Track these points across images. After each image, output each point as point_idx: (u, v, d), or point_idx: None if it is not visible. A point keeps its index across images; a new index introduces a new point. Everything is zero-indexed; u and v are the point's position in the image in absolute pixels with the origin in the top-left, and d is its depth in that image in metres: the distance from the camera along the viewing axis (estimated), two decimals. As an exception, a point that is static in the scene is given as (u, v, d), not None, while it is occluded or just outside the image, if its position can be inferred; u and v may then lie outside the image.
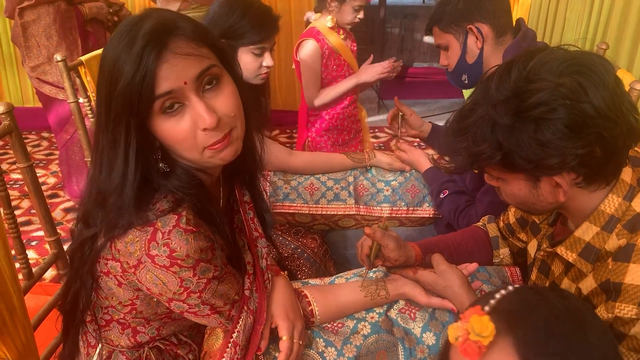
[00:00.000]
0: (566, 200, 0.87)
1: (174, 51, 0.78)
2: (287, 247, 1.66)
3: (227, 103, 0.84)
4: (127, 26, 0.79)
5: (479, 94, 0.86)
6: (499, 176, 0.91)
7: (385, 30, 4.69)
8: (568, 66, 0.79)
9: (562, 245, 0.91)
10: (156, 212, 0.82)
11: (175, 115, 0.81)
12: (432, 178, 1.62)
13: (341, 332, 1.09)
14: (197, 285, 0.85)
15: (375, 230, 1.11)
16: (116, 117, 0.78)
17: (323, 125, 2.39)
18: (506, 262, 1.26)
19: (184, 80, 0.79)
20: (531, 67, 0.81)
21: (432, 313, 1.11)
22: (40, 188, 1.24)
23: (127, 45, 0.77)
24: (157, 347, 1.02)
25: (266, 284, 1.01)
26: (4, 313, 1.06)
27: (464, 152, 0.87)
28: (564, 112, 0.77)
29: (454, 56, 1.49)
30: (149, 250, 0.81)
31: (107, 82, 0.79)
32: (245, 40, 1.56)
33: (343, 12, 2.22)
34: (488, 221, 1.30)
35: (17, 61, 3.64)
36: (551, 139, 0.78)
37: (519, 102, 0.79)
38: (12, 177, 3.08)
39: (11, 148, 1.18)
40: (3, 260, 1.06)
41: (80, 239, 0.89)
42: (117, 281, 0.90)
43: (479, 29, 1.42)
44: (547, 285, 0.97)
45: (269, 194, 1.64)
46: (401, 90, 4.69)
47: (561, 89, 0.77)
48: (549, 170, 0.81)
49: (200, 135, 0.82)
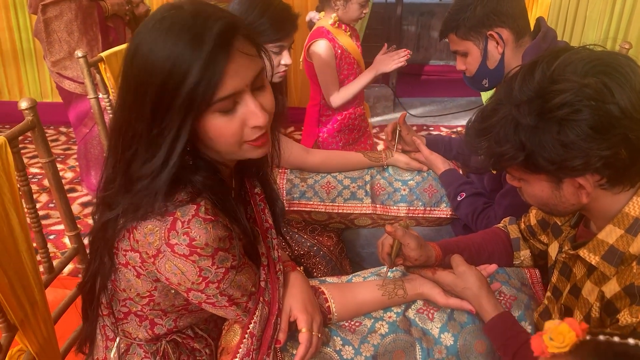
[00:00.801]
0: (589, 202, 0.86)
1: (240, 50, 0.80)
2: (303, 244, 1.66)
3: (270, 101, 0.87)
4: (181, 21, 0.78)
5: (502, 94, 0.86)
6: (521, 177, 0.90)
7: (402, 28, 4.67)
8: (593, 66, 0.78)
9: (585, 247, 0.90)
10: (175, 202, 0.83)
11: (228, 114, 0.83)
12: (449, 180, 1.61)
13: (359, 330, 1.09)
14: (215, 275, 0.86)
15: (397, 229, 1.10)
16: (171, 111, 0.78)
17: (335, 125, 2.38)
18: (526, 263, 1.25)
19: (246, 82, 0.81)
20: (555, 67, 0.80)
21: (451, 314, 1.11)
22: (61, 183, 1.26)
23: (192, 44, 0.76)
24: (174, 340, 1.03)
25: (278, 275, 1.02)
26: (26, 306, 1.07)
27: (485, 153, 0.87)
28: (589, 113, 0.76)
29: (474, 62, 1.47)
30: (168, 239, 0.82)
31: (161, 76, 0.77)
32: (264, 39, 1.56)
33: (349, 10, 2.22)
34: (509, 222, 1.29)
35: (37, 56, 3.68)
36: (575, 140, 0.77)
37: (542, 102, 0.79)
38: (31, 172, 3.12)
39: (34, 143, 1.19)
40: (25, 254, 1.08)
41: (102, 221, 0.90)
42: (135, 272, 0.91)
43: (499, 34, 1.40)
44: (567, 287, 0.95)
45: (286, 191, 1.64)
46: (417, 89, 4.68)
47: (586, 89, 0.76)
48: (572, 171, 0.80)
49: (247, 131, 0.84)
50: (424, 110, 4.28)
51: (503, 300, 1.12)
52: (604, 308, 0.84)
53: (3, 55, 3.68)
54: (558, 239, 1.06)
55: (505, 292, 1.13)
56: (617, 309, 0.81)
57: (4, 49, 3.67)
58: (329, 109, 2.38)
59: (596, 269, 0.87)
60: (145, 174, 0.82)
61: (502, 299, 1.12)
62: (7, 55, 3.68)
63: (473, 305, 1.06)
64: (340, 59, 2.27)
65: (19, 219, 1.06)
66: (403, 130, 1.72)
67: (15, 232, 1.05)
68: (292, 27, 1.61)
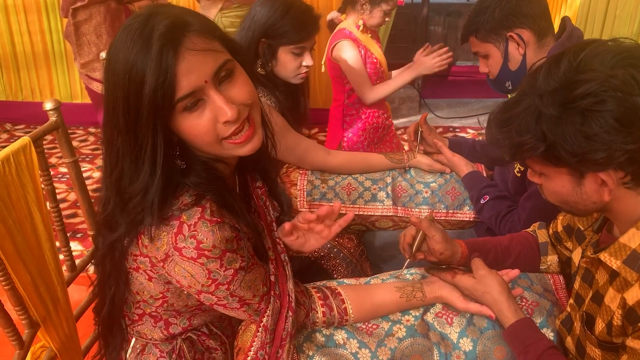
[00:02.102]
0: (612, 201, 0.83)
1: (190, 48, 0.79)
2: (323, 246, 1.65)
3: (242, 92, 0.85)
4: (137, 27, 0.78)
5: (526, 85, 0.84)
6: (542, 171, 0.88)
7: (428, 28, 4.62)
8: (622, 58, 0.76)
9: (606, 251, 0.87)
10: (180, 206, 0.83)
11: (195, 111, 0.82)
12: (472, 183, 1.58)
13: (376, 333, 1.07)
14: (224, 277, 0.86)
15: (422, 220, 1.09)
16: (140, 121, 0.78)
17: (359, 124, 2.37)
18: (553, 269, 1.21)
19: (204, 79, 0.80)
20: (582, 58, 0.78)
21: (470, 319, 1.09)
22: (84, 182, 1.28)
23: (143, 48, 0.76)
24: (189, 338, 1.04)
25: (284, 266, 1.02)
26: (48, 304, 1.10)
27: (506, 143, 0.85)
28: (614, 105, 0.74)
29: (495, 64, 1.45)
30: (176, 243, 0.83)
31: (124, 87, 0.78)
32: (285, 40, 1.56)
33: (374, 15, 2.22)
34: (539, 227, 1.26)
35: (68, 58, 3.76)
36: (598, 132, 0.75)
37: (566, 92, 0.77)
38: (60, 171, 3.19)
39: (58, 143, 1.21)
40: (48, 253, 1.10)
41: (108, 244, 0.91)
42: (147, 275, 0.92)
43: (519, 35, 1.38)
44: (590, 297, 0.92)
45: (306, 192, 1.64)
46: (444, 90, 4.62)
47: (612, 80, 0.74)
48: (594, 165, 0.78)
49: (220, 127, 0.83)
50: (450, 112, 4.22)
51: (525, 306, 1.09)
52: (626, 316, 0.81)
53: (35, 57, 3.77)
54: (581, 245, 1.03)
55: (527, 298, 1.10)
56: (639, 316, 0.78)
57: (36, 51, 3.75)
58: (353, 109, 2.37)
59: (619, 275, 0.84)
60: (135, 191, 0.82)
61: (523, 304, 1.09)
62: (39, 58, 3.76)
63: (493, 310, 1.04)
64: (364, 58, 2.27)
65: (42, 217, 1.08)
66: (425, 130, 1.70)
67: (38, 230, 1.08)
68: (314, 28, 1.61)
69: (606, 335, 0.85)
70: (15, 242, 1.01)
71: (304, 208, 1.63)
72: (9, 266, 0.99)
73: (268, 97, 1.58)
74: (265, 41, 1.56)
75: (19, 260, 1.01)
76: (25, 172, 1.06)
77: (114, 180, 0.85)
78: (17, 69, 3.81)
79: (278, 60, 1.59)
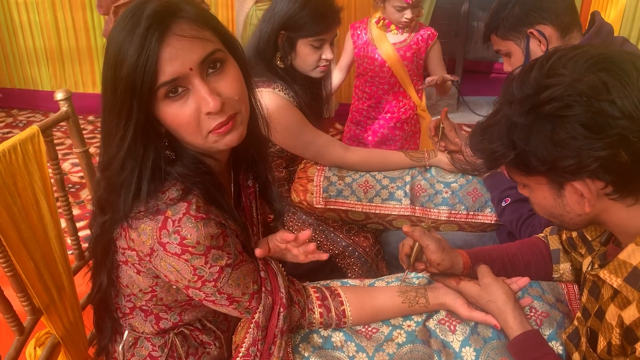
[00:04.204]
0: (600, 214, 0.79)
1: (177, 33, 0.77)
2: (338, 244, 1.63)
3: (230, 86, 0.83)
4: (131, 10, 0.78)
5: (502, 93, 0.82)
6: (523, 182, 0.86)
7: (471, 24, 4.50)
8: (595, 62, 0.72)
9: (606, 268, 0.81)
10: (166, 200, 0.82)
11: (179, 100, 0.80)
12: (493, 184, 1.51)
13: (375, 337, 1.04)
14: (210, 274, 0.85)
15: (414, 229, 1.05)
16: (121, 102, 0.78)
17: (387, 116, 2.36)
18: (567, 278, 1.14)
19: (189, 66, 0.78)
20: (551, 63, 0.75)
21: (474, 327, 1.03)
22: (94, 172, 1.29)
23: (131, 29, 0.76)
24: (182, 332, 1.03)
25: (271, 262, 1.00)
26: (53, 291, 1.11)
27: (480, 152, 0.85)
28: (580, 110, 0.70)
29: (517, 62, 1.40)
30: (160, 238, 0.82)
31: (111, 67, 0.78)
32: (304, 32, 1.53)
33: (387, 11, 2.17)
34: (550, 232, 1.19)
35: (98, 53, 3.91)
36: (565, 138, 0.72)
37: (534, 98, 0.74)
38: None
39: (69, 133, 1.23)
40: (54, 241, 1.11)
41: (99, 228, 0.91)
42: (135, 269, 0.91)
43: (540, 32, 1.32)
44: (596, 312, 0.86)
45: (322, 189, 1.61)
46: (484, 87, 4.49)
47: (578, 84, 0.71)
48: (565, 173, 0.75)
49: (204, 119, 0.81)
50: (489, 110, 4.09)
51: (534, 316, 1.02)
52: (624, 335, 0.74)
53: (79, 51, 3.91)
54: (591, 255, 0.96)
55: (537, 308, 1.04)
56: (638, 337, 0.71)
57: (80, 45, 3.90)
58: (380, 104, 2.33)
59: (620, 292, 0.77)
60: (114, 172, 0.82)
61: (532, 315, 1.03)
62: (83, 52, 3.91)
63: (498, 320, 0.99)
64: (361, 49, 2.25)
65: (49, 206, 1.10)
66: (446, 126, 1.64)
67: (44, 218, 1.09)
68: (334, 20, 1.57)
69: (606, 354, 0.79)
70: (19, 230, 1.02)
71: (320, 204, 1.61)
72: (12, 254, 1.01)
73: (287, 92, 1.56)
74: (285, 33, 1.54)
75: (22, 247, 1.03)
76: (32, 160, 1.08)
77: (101, 161, 0.86)
78: (62, 62, 3.95)
79: (297, 53, 1.56)
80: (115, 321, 1.03)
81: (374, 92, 2.33)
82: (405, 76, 2.27)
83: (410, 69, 2.27)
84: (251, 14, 2.58)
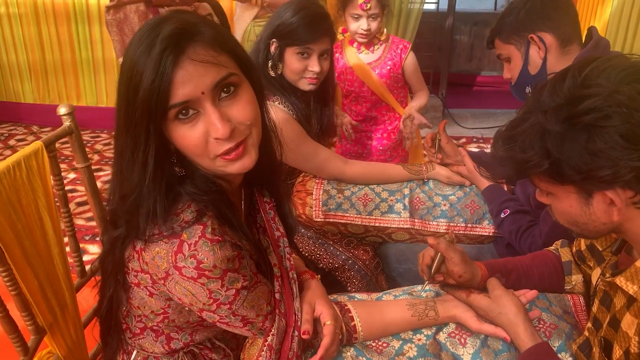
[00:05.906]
0: (624, 222, 0.80)
1: (192, 57, 0.77)
2: (337, 257, 1.63)
3: (243, 112, 0.82)
4: (148, 29, 0.78)
5: (531, 102, 0.82)
6: (549, 190, 0.85)
7: (454, 38, 4.57)
8: (628, 74, 0.73)
9: (622, 275, 0.82)
10: (181, 223, 0.81)
11: (188, 122, 0.80)
12: (492, 196, 1.54)
13: (385, 352, 1.04)
14: (226, 297, 0.84)
15: (440, 241, 1.05)
16: (136, 121, 0.78)
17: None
18: (578, 289, 1.16)
19: (202, 90, 0.78)
20: (587, 73, 0.76)
21: (484, 340, 1.04)
22: (96, 187, 1.27)
23: (146, 49, 0.76)
24: (192, 351, 1.02)
25: (291, 284, 0.98)
26: (56, 309, 1.09)
27: (510, 161, 0.84)
28: (619, 120, 0.71)
29: (516, 67, 1.43)
30: (176, 262, 0.81)
31: (126, 85, 0.78)
32: (291, 40, 1.53)
33: (347, 22, 2.15)
34: (561, 245, 1.21)
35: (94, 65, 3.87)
36: (603, 149, 0.72)
37: (570, 108, 0.75)
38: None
39: (71, 148, 1.21)
40: (57, 258, 1.09)
41: (110, 242, 0.90)
42: (148, 292, 0.90)
43: (541, 39, 1.35)
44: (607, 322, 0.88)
45: (322, 202, 1.61)
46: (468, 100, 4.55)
47: (617, 95, 0.72)
48: (600, 183, 0.75)
49: (212, 143, 0.81)
50: (474, 123, 4.15)
51: (542, 328, 1.04)
52: None
53: (64, 64, 3.88)
54: (600, 266, 0.97)
55: (545, 320, 1.05)
56: None
57: (64, 59, 3.87)
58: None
59: (636, 300, 0.79)
60: (128, 189, 0.81)
61: (541, 327, 1.04)
62: (67, 65, 3.88)
63: (508, 332, 0.99)
64: (340, 73, 2.24)
65: (52, 222, 1.08)
66: (443, 139, 1.66)
67: (47, 235, 1.07)
68: (323, 32, 1.55)
69: None
70: (23, 247, 1.00)
71: (319, 218, 1.60)
72: (17, 271, 0.99)
73: (286, 105, 1.56)
74: (275, 41, 1.54)
75: (26, 265, 1.00)
76: (36, 176, 1.06)
77: (115, 177, 0.85)
78: (45, 74, 3.92)
79: (285, 62, 1.56)
80: (123, 340, 1.01)
81: (360, 109, 2.35)
82: (386, 92, 2.28)
83: (390, 84, 2.28)
84: (249, 30, 2.56)
